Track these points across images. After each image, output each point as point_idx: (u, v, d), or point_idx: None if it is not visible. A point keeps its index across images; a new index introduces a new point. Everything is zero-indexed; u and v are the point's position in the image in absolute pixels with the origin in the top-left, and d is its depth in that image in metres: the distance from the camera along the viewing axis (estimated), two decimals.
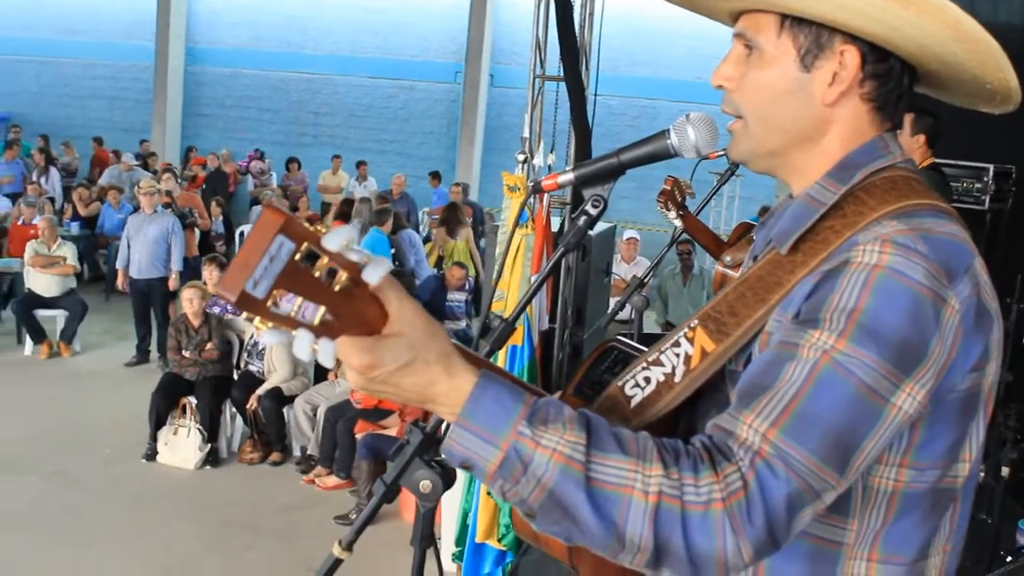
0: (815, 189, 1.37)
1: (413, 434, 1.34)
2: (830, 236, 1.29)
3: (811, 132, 1.38)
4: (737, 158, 1.46)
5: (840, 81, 1.35)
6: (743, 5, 1.41)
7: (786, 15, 1.35)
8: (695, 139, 1.44)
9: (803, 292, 1.27)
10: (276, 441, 7.27)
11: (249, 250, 1.02)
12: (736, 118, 1.43)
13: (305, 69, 18.25)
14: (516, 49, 17.65)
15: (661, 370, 1.41)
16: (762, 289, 1.34)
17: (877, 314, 1.19)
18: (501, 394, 1.19)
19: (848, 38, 1.34)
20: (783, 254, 1.34)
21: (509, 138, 17.79)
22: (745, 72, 1.40)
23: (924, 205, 1.30)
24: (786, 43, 1.36)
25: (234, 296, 1.01)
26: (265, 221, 1.03)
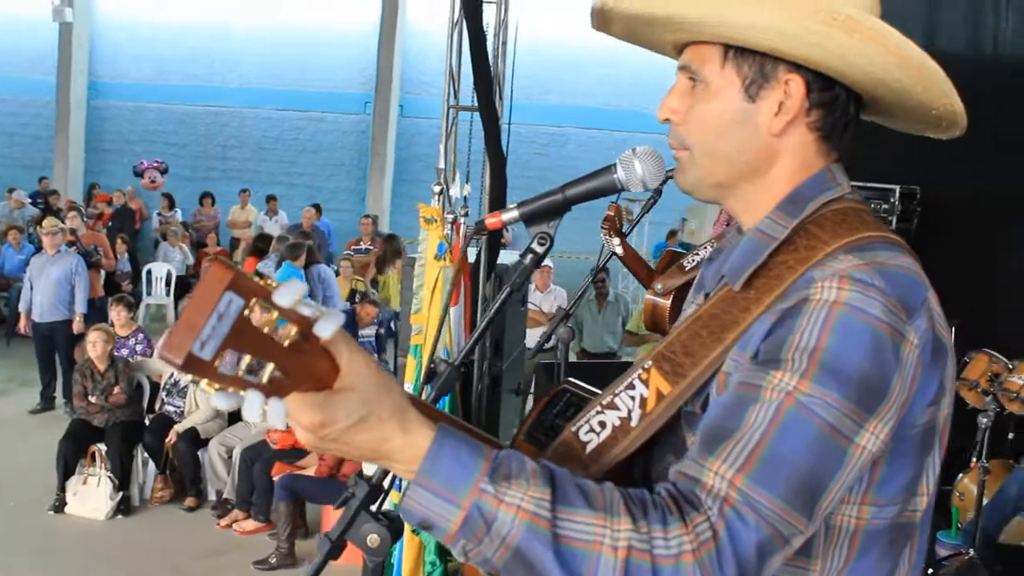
0: (765, 223, 1.34)
1: (358, 486, 1.27)
2: (783, 272, 1.26)
3: (758, 163, 1.35)
4: (684, 188, 1.42)
5: (786, 111, 1.32)
6: (686, 37, 1.37)
7: (730, 46, 1.32)
8: (642, 173, 1.42)
9: (761, 331, 1.23)
10: (190, 485, 7.01)
11: (195, 309, 0.94)
12: (681, 149, 1.39)
13: (211, 102, 17.93)
14: (425, 79, 17.63)
15: (616, 414, 1.36)
16: (717, 327, 1.30)
17: (838, 352, 1.16)
18: (460, 450, 1.13)
19: (792, 67, 1.31)
20: (736, 291, 1.30)
21: (420, 168, 17.71)
22: (691, 104, 1.36)
23: (876, 237, 1.27)
24: (730, 74, 1.33)
25: (180, 359, 0.93)
26: (212, 277, 0.95)
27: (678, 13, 1.31)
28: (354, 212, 17.31)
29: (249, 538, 6.55)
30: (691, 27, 1.33)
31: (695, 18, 1.30)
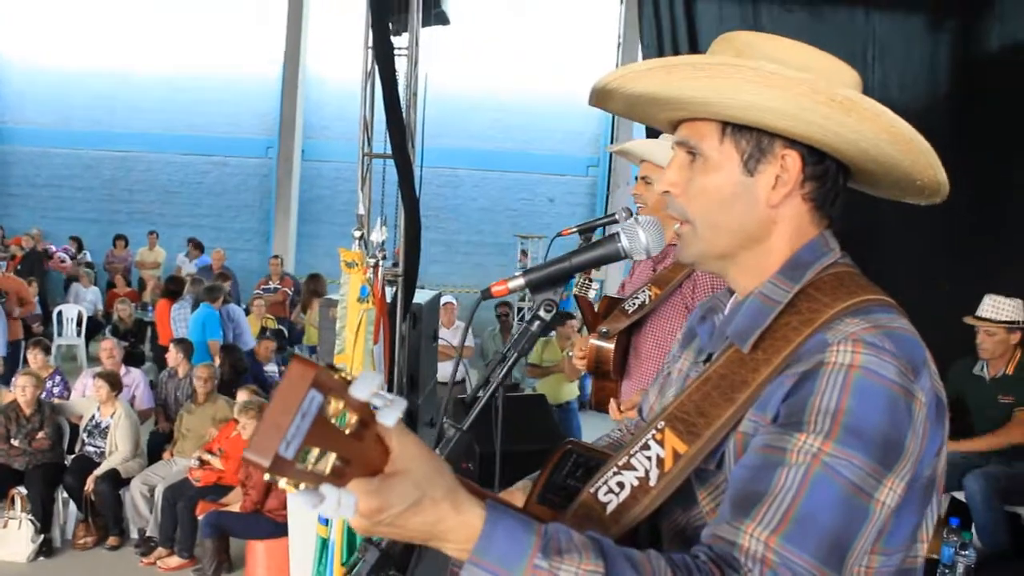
0: (768, 288, 1.35)
1: (369, 552, 1.22)
2: (789, 333, 1.27)
3: (757, 233, 1.37)
4: (686, 260, 1.43)
5: (783, 184, 1.34)
6: (685, 115, 1.38)
7: (727, 123, 1.33)
8: (646, 241, 1.42)
9: (779, 394, 1.24)
10: (113, 525, 6.73)
11: (280, 409, 0.89)
12: (682, 222, 1.40)
13: (117, 147, 17.41)
14: (324, 124, 17.50)
15: (634, 474, 1.34)
16: (728, 388, 1.30)
17: (858, 414, 1.17)
18: (513, 527, 1.10)
19: (788, 142, 1.33)
20: (745, 352, 1.30)
21: (321, 209, 17.53)
22: (690, 178, 1.37)
23: (874, 300, 1.29)
24: (729, 149, 1.34)
25: (267, 461, 0.89)
26: (296, 376, 0.91)
27: (682, 95, 1.31)
28: (257, 252, 17.02)
29: (173, 574, 6.31)
30: (692, 107, 1.34)
31: (701, 99, 1.31)
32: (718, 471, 1.31)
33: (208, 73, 17.14)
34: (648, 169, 3.53)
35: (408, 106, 5.81)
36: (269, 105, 17.36)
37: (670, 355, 1.71)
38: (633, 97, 1.38)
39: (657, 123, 1.48)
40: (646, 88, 1.34)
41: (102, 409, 6.93)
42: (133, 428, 6.93)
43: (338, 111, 17.05)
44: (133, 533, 6.79)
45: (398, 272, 5.84)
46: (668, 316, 3.50)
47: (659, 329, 3.52)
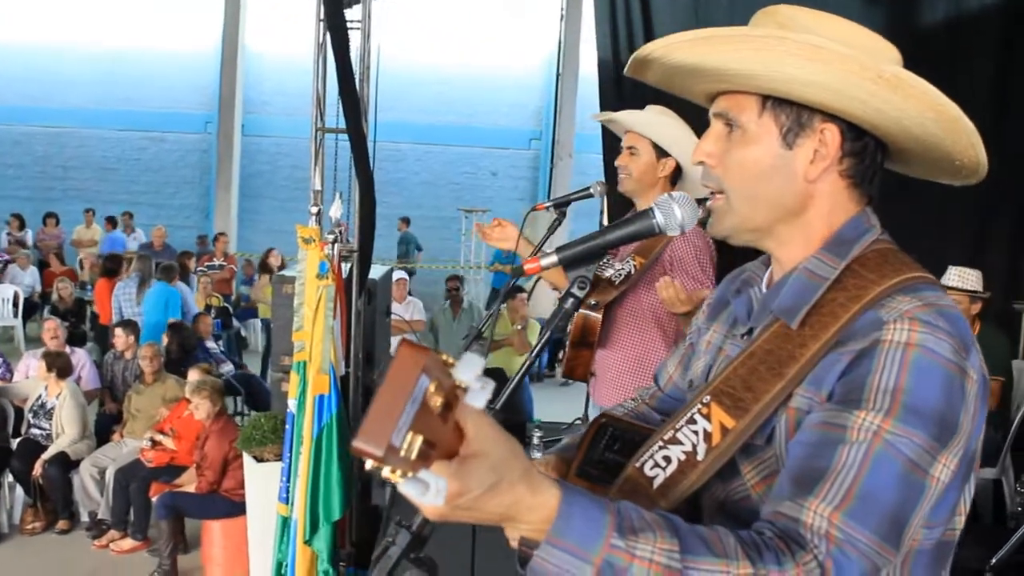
0: (813, 263, 1.35)
1: (400, 535, 1.19)
2: (836, 309, 1.27)
3: (794, 206, 1.36)
4: (720, 233, 1.42)
5: (821, 158, 1.33)
6: (724, 87, 1.37)
7: (767, 96, 1.32)
8: (681, 217, 1.42)
9: (835, 371, 1.24)
10: (63, 509, 6.57)
11: (392, 395, 0.87)
12: (716, 193, 1.38)
13: (50, 123, 16.92)
14: (264, 98, 17.21)
15: (680, 448, 1.35)
16: (775, 363, 1.30)
17: (917, 392, 1.17)
18: (588, 507, 1.09)
19: (827, 117, 1.32)
20: (792, 328, 1.30)
21: (261, 184, 17.30)
22: (727, 149, 1.36)
23: (919, 278, 1.29)
24: (768, 122, 1.34)
25: (381, 451, 0.85)
26: (407, 361, 0.88)
27: (726, 66, 1.30)
28: (197, 229, 16.72)
29: (127, 557, 6.20)
30: (734, 78, 1.32)
31: (744, 71, 1.29)
32: (767, 446, 1.31)
33: (145, 47, 16.74)
34: (633, 139, 3.53)
35: (361, 80, 5.70)
36: (208, 79, 17.02)
37: (693, 325, 1.70)
38: (673, 68, 1.37)
39: (693, 95, 1.46)
40: (689, 59, 1.32)
41: (49, 389, 6.75)
42: (80, 409, 6.76)
43: (278, 85, 16.79)
44: (83, 516, 6.65)
45: (352, 248, 5.75)
46: (649, 286, 3.51)
47: (635, 300, 3.52)
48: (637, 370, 3.61)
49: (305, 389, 4.82)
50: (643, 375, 3.59)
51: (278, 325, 5.94)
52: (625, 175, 3.53)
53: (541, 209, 3.63)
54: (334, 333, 4.92)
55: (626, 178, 3.54)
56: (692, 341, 1.70)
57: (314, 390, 4.80)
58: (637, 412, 1.79)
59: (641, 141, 3.51)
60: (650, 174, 3.53)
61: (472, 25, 16.93)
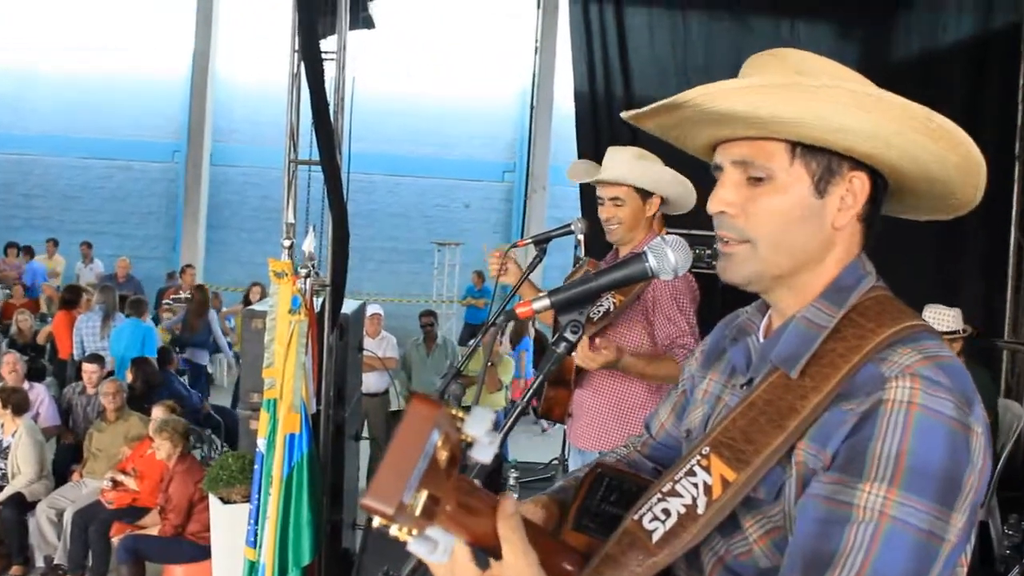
0: (811, 312, 1.34)
1: None
2: (836, 360, 1.27)
3: (818, 254, 1.36)
4: (737, 278, 1.39)
5: (848, 206, 1.33)
6: (739, 134, 1.35)
7: (796, 143, 1.31)
8: (674, 261, 1.43)
9: (839, 433, 1.22)
10: (17, 553, 6.39)
11: (403, 451, 0.87)
12: (738, 242, 1.36)
13: (12, 150, 16.76)
14: (233, 127, 17.16)
15: (680, 501, 1.33)
16: (775, 415, 1.28)
17: (920, 456, 1.16)
18: None
19: (855, 164, 1.32)
20: (792, 378, 1.29)
21: (229, 216, 17.18)
22: (750, 198, 1.34)
23: (917, 327, 1.29)
24: (799, 170, 1.32)
25: (392, 509, 0.85)
26: (419, 415, 0.89)
27: (778, 115, 1.28)
28: (163, 260, 16.58)
29: None
30: (769, 126, 1.31)
31: (791, 118, 1.28)
32: (774, 502, 1.29)
33: (112, 73, 16.68)
34: (613, 190, 3.53)
35: (336, 112, 5.67)
36: (176, 107, 16.97)
37: (686, 372, 1.69)
38: (701, 115, 1.34)
39: (693, 143, 1.46)
40: (735, 107, 1.30)
41: (4, 426, 6.60)
42: (37, 448, 6.61)
43: (248, 114, 16.75)
44: (39, 561, 6.46)
45: (325, 281, 5.70)
46: (627, 324, 3.49)
47: (617, 337, 3.50)
48: (616, 411, 3.59)
49: (275, 428, 4.75)
50: (622, 416, 3.57)
51: (247, 361, 5.86)
52: (615, 225, 3.55)
53: (522, 246, 3.62)
54: (306, 370, 4.85)
55: (616, 228, 3.56)
56: (685, 388, 1.68)
57: (284, 429, 4.73)
58: (629, 460, 1.77)
59: (622, 189, 3.51)
60: (639, 217, 3.55)
61: (445, 57, 17.00)
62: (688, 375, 1.67)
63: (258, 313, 5.62)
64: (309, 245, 4.99)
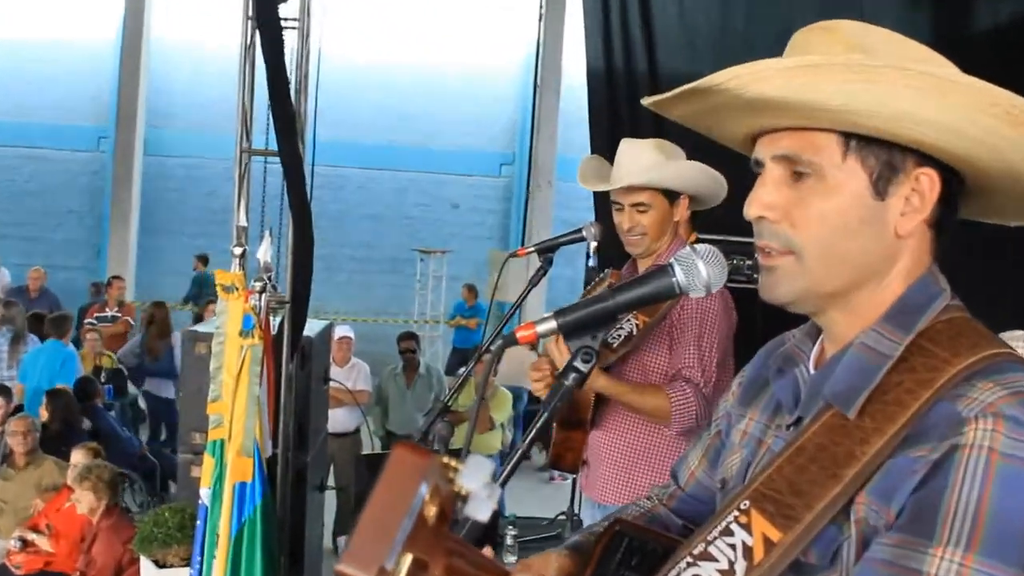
0: (872, 338, 1.35)
1: None
2: (903, 396, 1.27)
3: (879, 266, 1.37)
4: (781, 297, 1.41)
5: (914, 209, 1.34)
6: (783, 123, 1.36)
7: (850, 134, 1.32)
8: (707, 276, 1.44)
9: (907, 485, 1.22)
10: None
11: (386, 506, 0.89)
12: (780, 253, 1.38)
13: None
14: (171, 109, 17.17)
15: (714, 566, 1.33)
16: (829, 462, 1.29)
17: (1003, 514, 1.16)
18: None
19: (922, 158, 1.33)
20: (849, 418, 1.29)
21: (166, 217, 17.18)
22: (795, 199, 1.36)
23: (1001, 355, 1.29)
24: (854, 166, 1.33)
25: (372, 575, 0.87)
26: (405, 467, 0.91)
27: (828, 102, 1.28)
28: (86, 270, 16.58)
29: None
30: (818, 114, 1.32)
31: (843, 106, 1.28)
32: (829, 568, 1.29)
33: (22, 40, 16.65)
34: (635, 194, 3.55)
35: (298, 91, 5.70)
36: (102, 85, 16.98)
37: (721, 410, 1.71)
38: (736, 100, 1.35)
39: (729, 134, 1.47)
40: (777, 92, 1.30)
41: None
42: None
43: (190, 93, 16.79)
44: None
45: (284, 298, 5.71)
46: (653, 351, 3.51)
47: (639, 367, 3.52)
48: (642, 457, 3.60)
49: (222, 475, 4.75)
50: (650, 464, 3.59)
51: (188, 394, 5.87)
52: (638, 236, 3.58)
53: (522, 255, 3.64)
54: (260, 405, 4.87)
55: (640, 239, 3.59)
56: (720, 429, 1.69)
57: (233, 476, 4.73)
58: (653, 515, 1.79)
59: (646, 192, 3.55)
60: (665, 224, 3.59)
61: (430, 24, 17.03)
62: (723, 413, 1.69)
63: (202, 335, 5.63)
64: (265, 253, 5.01)
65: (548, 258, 3.54)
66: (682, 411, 3.36)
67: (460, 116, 17.36)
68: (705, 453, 1.73)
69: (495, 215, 17.71)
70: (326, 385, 7.08)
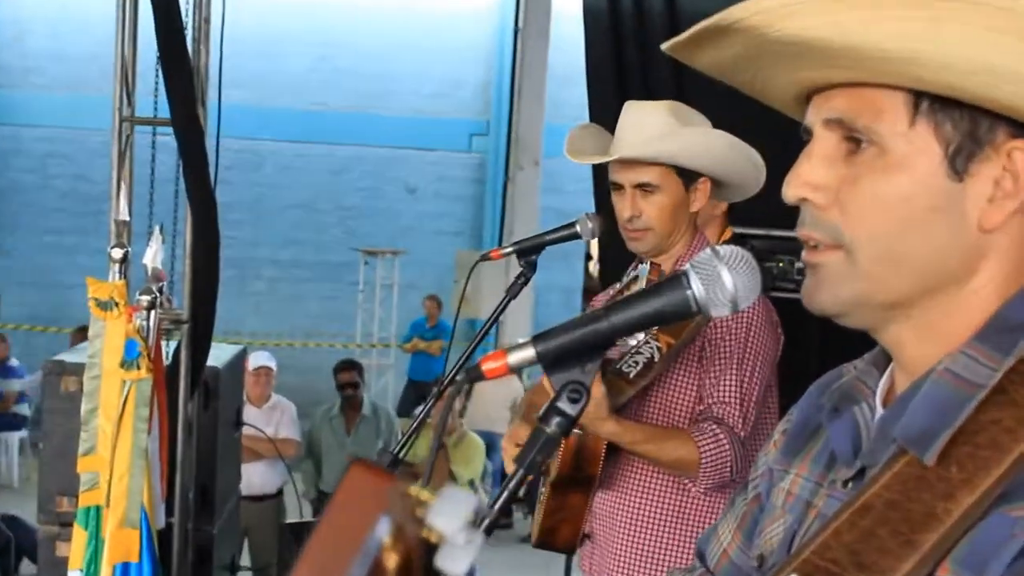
0: (961, 363, 1.32)
1: None
2: (1001, 438, 1.25)
3: (957, 271, 1.35)
4: (829, 306, 1.41)
5: (1007, 195, 1.31)
6: (838, 77, 1.36)
7: (923, 93, 1.31)
8: (733, 287, 1.39)
9: (1005, 552, 1.21)
10: None
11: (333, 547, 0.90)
12: (829, 247, 1.38)
13: None
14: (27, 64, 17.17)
15: None
16: (903, 524, 1.27)
17: None
18: None
19: (1017, 129, 1.30)
20: (928, 465, 1.28)
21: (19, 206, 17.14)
22: (850, 178, 1.35)
23: None
24: (925, 136, 1.32)
25: None
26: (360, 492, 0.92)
27: (876, 44, 1.27)
28: None
29: None
30: (877, 64, 1.31)
31: (900, 53, 1.27)
32: None
33: None
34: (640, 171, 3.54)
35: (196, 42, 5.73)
36: None
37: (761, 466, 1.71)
38: (772, 44, 1.34)
39: (773, 91, 1.47)
40: (810, 31, 1.29)
41: None
42: None
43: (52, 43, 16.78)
44: None
45: (181, 316, 5.72)
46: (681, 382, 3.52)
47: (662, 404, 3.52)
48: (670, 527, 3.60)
49: (98, 553, 4.75)
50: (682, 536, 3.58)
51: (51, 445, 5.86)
52: (641, 229, 3.56)
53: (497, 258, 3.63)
54: (149, 459, 4.86)
55: (644, 234, 3.56)
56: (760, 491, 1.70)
57: (113, 556, 4.73)
58: None
59: (654, 169, 3.54)
60: (680, 214, 3.59)
61: None
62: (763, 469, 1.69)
63: (70, 367, 5.62)
64: (155, 257, 5.01)
65: (531, 261, 3.53)
66: (713, 461, 3.33)
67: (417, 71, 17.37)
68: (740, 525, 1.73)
69: (464, 204, 17.76)
70: (238, 432, 7.09)
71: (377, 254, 15.75)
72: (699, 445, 3.34)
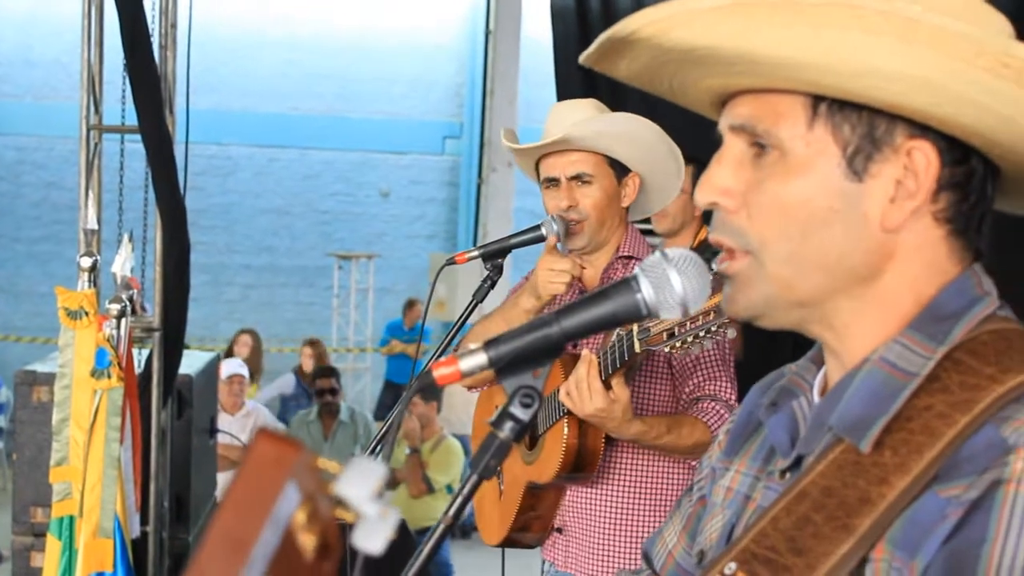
0: (895, 351, 1.36)
1: None
2: (934, 423, 1.28)
3: (863, 269, 1.38)
4: (743, 310, 1.44)
5: (907, 195, 1.35)
6: (749, 83, 1.39)
7: (821, 97, 1.34)
8: (682, 290, 1.40)
9: (936, 534, 1.23)
10: None
11: (243, 513, 0.87)
12: (737, 253, 1.41)
13: None
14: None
15: None
16: (839, 510, 1.30)
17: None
18: None
19: (915, 130, 1.33)
20: (863, 453, 1.31)
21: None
22: (754, 182, 1.38)
23: None
24: (823, 138, 1.35)
25: None
26: (267, 460, 0.90)
27: (765, 52, 1.30)
28: None
29: None
30: (771, 70, 1.34)
31: (796, 59, 1.30)
32: None
33: None
34: (572, 162, 3.57)
35: (164, 46, 5.72)
36: None
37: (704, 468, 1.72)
38: (671, 53, 1.37)
39: (690, 96, 1.50)
40: (702, 39, 1.32)
41: None
42: None
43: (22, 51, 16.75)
44: None
45: (152, 323, 5.72)
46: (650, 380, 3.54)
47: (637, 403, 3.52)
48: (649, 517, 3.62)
49: (72, 564, 4.75)
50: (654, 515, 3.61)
51: (24, 457, 5.85)
52: (577, 220, 3.58)
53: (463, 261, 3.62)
54: (122, 468, 4.86)
55: (580, 226, 3.59)
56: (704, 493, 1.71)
57: (88, 566, 4.73)
58: None
59: (589, 159, 3.58)
60: (613, 209, 3.63)
61: None
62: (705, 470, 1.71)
63: (41, 377, 5.61)
64: (123, 265, 5.00)
65: (497, 264, 3.53)
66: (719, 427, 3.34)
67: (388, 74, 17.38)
68: (685, 527, 1.74)
69: (438, 207, 17.77)
70: (213, 439, 7.09)
71: (351, 258, 15.76)
72: (708, 424, 3.39)
